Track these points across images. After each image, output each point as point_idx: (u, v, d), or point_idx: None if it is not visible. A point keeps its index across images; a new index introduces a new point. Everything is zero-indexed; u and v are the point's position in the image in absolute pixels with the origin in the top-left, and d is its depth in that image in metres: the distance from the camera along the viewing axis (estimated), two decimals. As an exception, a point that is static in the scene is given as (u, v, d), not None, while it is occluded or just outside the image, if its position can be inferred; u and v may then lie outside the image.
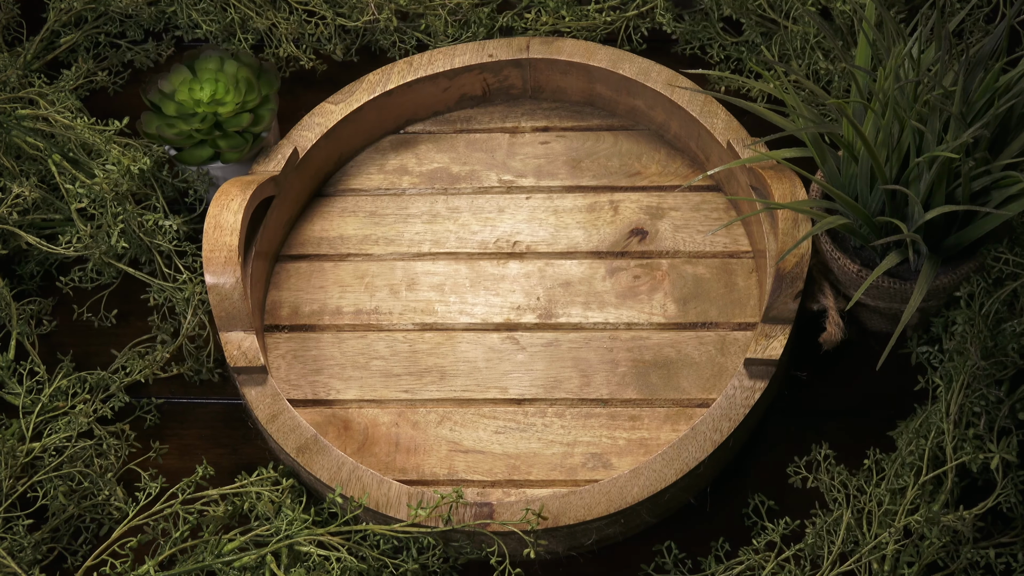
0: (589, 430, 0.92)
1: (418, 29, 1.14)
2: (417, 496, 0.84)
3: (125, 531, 0.86)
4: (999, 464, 0.80)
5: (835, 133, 0.83)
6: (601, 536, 0.86)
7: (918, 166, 0.80)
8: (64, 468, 0.89)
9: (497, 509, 0.83)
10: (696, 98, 1.01)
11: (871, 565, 0.81)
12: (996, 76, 0.81)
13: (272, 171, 0.99)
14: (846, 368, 0.94)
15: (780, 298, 0.89)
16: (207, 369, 0.98)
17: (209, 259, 0.90)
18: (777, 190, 0.91)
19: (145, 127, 1.00)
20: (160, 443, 0.95)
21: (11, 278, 1.02)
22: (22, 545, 0.87)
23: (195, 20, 1.13)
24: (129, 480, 0.93)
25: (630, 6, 1.12)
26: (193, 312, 0.96)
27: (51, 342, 1.01)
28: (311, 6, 1.13)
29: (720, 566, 0.85)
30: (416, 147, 1.08)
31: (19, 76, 1.09)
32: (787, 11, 1.06)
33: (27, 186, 0.98)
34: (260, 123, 1.00)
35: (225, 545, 0.83)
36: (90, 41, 1.17)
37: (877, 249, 0.87)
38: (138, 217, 0.97)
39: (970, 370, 0.81)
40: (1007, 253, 0.84)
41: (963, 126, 0.77)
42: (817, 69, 1.03)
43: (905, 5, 1.03)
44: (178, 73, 1.02)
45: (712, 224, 1.01)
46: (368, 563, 0.83)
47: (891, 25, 0.83)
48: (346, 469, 0.86)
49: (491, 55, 1.05)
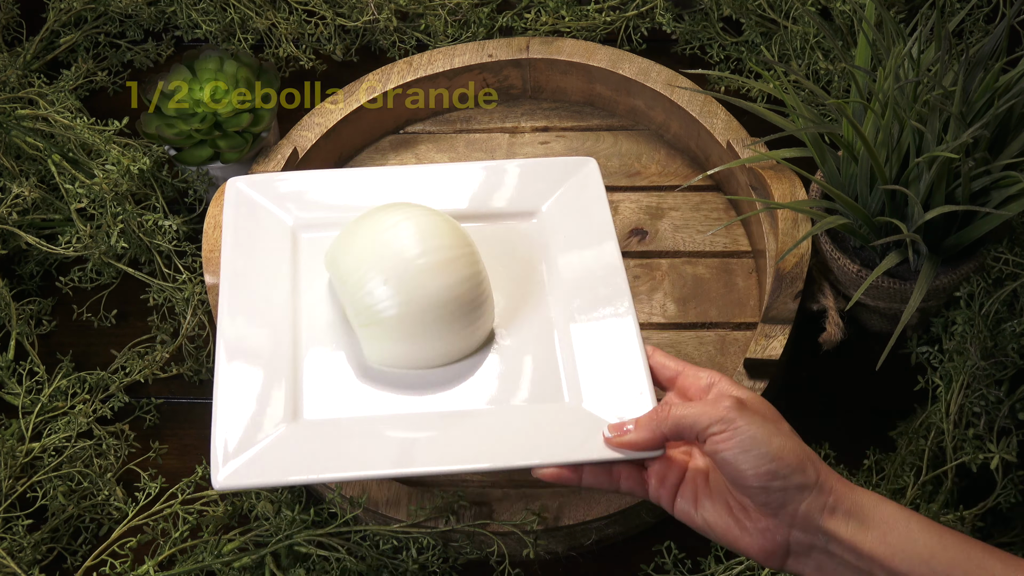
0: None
1: (418, 29, 1.14)
2: (417, 496, 0.84)
3: (125, 531, 0.86)
4: (999, 464, 0.80)
5: (835, 133, 0.83)
6: (601, 536, 0.86)
7: (918, 166, 0.80)
8: (64, 468, 0.89)
9: (497, 509, 0.83)
10: (696, 98, 1.01)
11: (871, 565, 0.81)
12: (996, 76, 0.81)
13: (272, 171, 0.99)
14: (846, 368, 0.94)
15: (780, 298, 0.89)
16: (207, 369, 0.98)
17: (209, 259, 0.90)
18: (777, 190, 0.91)
19: (145, 127, 1.00)
20: (160, 443, 0.95)
21: (11, 278, 1.02)
22: (22, 545, 0.87)
23: (195, 20, 1.13)
24: (129, 480, 0.93)
25: (630, 6, 1.12)
26: (193, 312, 0.96)
27: (51, 342, 1.01)
28: (311, 6, 1.13)
29: (720, 566, 0.85)
30: (416, 147, 1.08)
31: (19, 76, 1.09)
32: (787, 11, 1.06)
33: (27, 186, 0.98)
34: (260, 123, 1.00)
35: (225, 545, 0.83)
36: (90, 41, 1.17)
37: (877, 249, 0.87)
38: (138, 217, 0.97)
39: (970, 370, 0.81)
40: (1007, 253, 0.84)
41: (963, 126, 0.77)
42: (817, 69, 1.03)
43: (905, 5, 1.03)
44: (178, 73, 1.02)
45: (712, 224, 1.01)
46: (368, 563, 0.83)
47: (891, 25, 0.83)
48: (346, 469, 0.86)
49: (491, 55, 1.05)
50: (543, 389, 0.78)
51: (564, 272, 0.83)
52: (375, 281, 0.75)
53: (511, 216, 0.87)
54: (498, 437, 0.74)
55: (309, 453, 0.73)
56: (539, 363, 0.80)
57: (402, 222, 0.76)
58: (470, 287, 0.77)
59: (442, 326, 0.76)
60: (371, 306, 0.75)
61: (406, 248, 0.75)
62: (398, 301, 0.75)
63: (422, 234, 0.76)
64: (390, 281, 0.75)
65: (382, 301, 0.75)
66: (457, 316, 0.76)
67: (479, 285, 0.77)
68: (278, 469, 0.72)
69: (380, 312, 0.75)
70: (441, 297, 0.75)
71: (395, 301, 0.75)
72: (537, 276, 0.84)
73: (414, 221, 0.77)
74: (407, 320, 0.75)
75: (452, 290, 0.76)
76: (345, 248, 0.78)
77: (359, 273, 0.76)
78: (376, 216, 0.78)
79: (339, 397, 0.77)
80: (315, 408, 0.76)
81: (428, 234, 0.76)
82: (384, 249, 0.76)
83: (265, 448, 0.73)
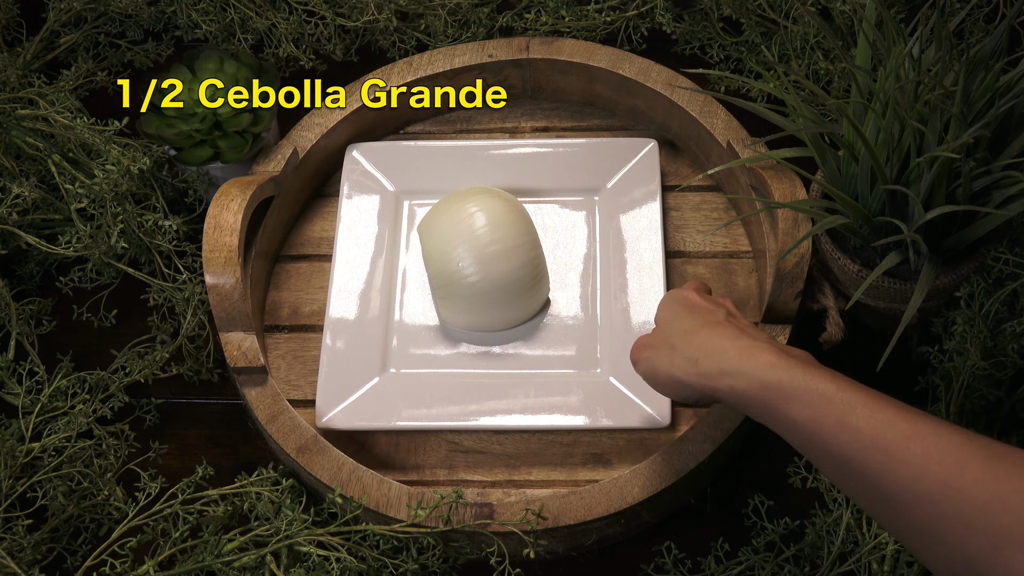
0: (589, 430, 0.92)
1: (418, 29, 1.14)
2: (417, 496, 0.84)
3: (125, 531, 0.86)
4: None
5: (835, 133, 0.83)
6: (601, 536, 0.86)
7: (918, 166, 0.80)
8: (64, 468, 0.89)
9: (497, 509, 0.83)
10: (696, 98, 1.01)
11: (871, 565, 0.81)
12: (996, 76, 0.81)
13: (272, 171, 0.99)
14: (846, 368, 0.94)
15: (780, 298, 0.89)
16: (207, 369, 0.98)
17: (209, 259, 0.90)
18: (777, 190, 0.91)
19: (145, 127, 1.00)
20: (160, 443, 0.95)
21: (11, 278, 1.02)
22: (22, 545, 0.87)
23: (195, 20, 1.13)
24: (129, 480, 0.93)
25: (630, 6, 1.12)
26: (193, 312, 0.96)
27: (51, 342, 1.01)
28: (311, 6, 1.13)
29: (720, 566, 0.85)
30: (416, 147, 1.08)
31: (19, 76, 1.09)
32: (787, 11, 1.06)
33: (27, 186, 0.98)
34: (260, 123, 1.00)
35: (225, 545, 0.83)
36: (90, 41, 1.17)
37: (877, 249, 0.87)
38: (138, 217, 0.97)
39: (970, 370, 0.81)
40: (1007, 253, 0.84)
41: (963, 126, 0.77)
42: (817, 69, 1.03)
43: (905, 5, 1.03)
44: (178, 73, 1.02)
45: (712, 224, 1.01)
46: (368, 563, 0.83)
47: (891, 25, 0.83)
48: (346, 469, 0.86)
49: (491, 55, 1.05)
50: (583, 355, 0.94)
51: (614, 246, 0.98)
52: (460, 261, 0.91)
53: (578, 191, 1.02)
54: (539, 399, 0.91)
55: (393, 403, 0.92)
56: (582, 330, 0.95)
57: (476, 213, 0.92)
58: (529, 270, 0.92)
59: (506, 299, 0.92)
60: (456, 277, 0.91)
61: (480, 237, 0.91)
62: (474, 280, 0.91)
63: (492, 224, 0.92)
64: (467, 262, 0.91)
65: (466, 278, 0.91)
66: (518, 292, 0.92)
67: (537, 268, 0.93)
68: (369, 416, 0.91)
69: (463, 286, 0.91)
70: (507, 278, 0.91)
71: (473, 280, 0.91)
72: (592, 249, 0.99)
73: (486, 211, 0.92)
74: (480, 294, 0.92)
75: (515, 273, 0.92)
76: (433, 227, 0.93)
77: (444, 252, 0.92)
78: (457, 202, 0.94)
79: (421, 354, 0.95)
80: (401, 364, 0.95)
81: (497, 223, 0.92)
82: (462, 236, 0.91)
83: (359, 398, 0.92)
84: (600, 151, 1.02)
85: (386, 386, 0.93)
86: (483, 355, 0.95)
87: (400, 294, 0.98)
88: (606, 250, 0.98)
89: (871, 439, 0.61)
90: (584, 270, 0.98)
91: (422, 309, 0.97)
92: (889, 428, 0.61)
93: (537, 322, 0.95)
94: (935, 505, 0.58)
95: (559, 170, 1.02)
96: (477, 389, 0.92)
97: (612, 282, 0.96)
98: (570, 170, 1.02)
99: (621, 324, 0.94)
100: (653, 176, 1.00)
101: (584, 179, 1.02)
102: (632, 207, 0.99)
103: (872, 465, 0.61)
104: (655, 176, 1.00)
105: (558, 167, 1.02)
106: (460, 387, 0.93)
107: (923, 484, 0.59)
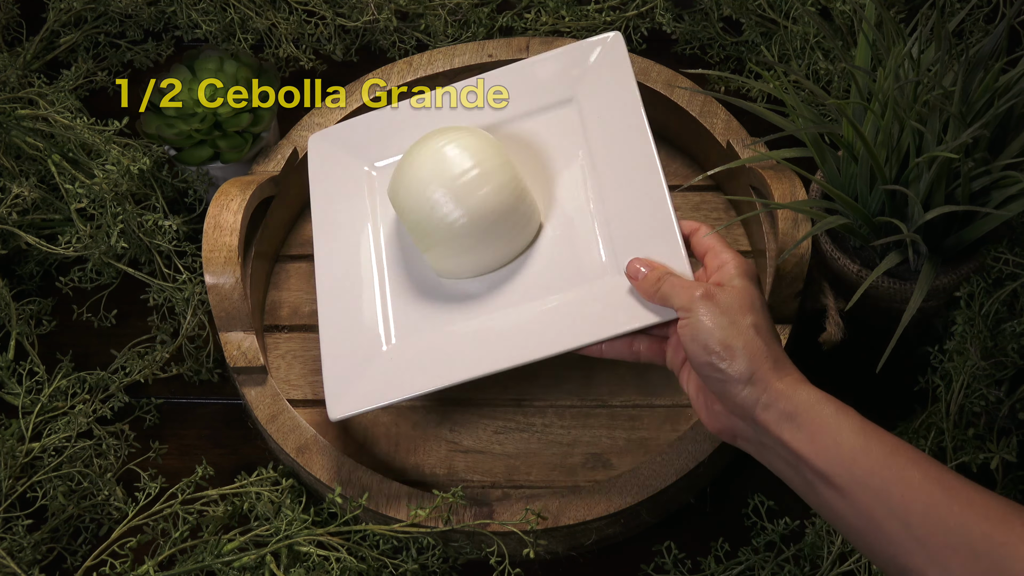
0: (589, 430, 0.92)
1: (418, 29, 1.14)
2: (417, 496, 0.84)
3: (125, 531, 0.86)
4: (999, 464, 0.80)
5: (835, 133, 0.83)
6: (601, 536, 0.86)
7: (918, 166, 0.80)
8: (64, 468, 0.89)
9: (497, 509, 0.83)
10: (696, 98, 1.01)
11: (871, 565, 0.81)
12: (996, 76, 0.81)
13: (272, 171, 0.99)
14: (846, 368, 0.94)
15: (780, 298, 0.89)
16: (207, 369, 0.98)
17: (209, 259, 0.90)
18: (777, 190, 0.91)
19: (145, 127, 1.00)
20: (160, 443, 0.95)
21: (11, 278, 1.02)
22: (22, 545, 0.87)
23: (195, 20, 1.13)
24: (129, 480, 0.93)
25: (630, 6, 1.12)
26: (193, 312, 0.96)
27: (51, 342, 1.01)
28: (311, 6, 1.13)
29: (720, 566, 0.85)
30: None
31: (19, 76, 1.09)
32: (787, 11, 1.06)
33: (27, 186, 0.98)
34: (260, 123, 1.00)
35: (225, 545, 0.83)
36: (90, 41, 1.17)
37: (877, 249, 0.87)
38: (138, 217, 0.97)
39: (970, 370, 0.81)
40: (1007, 253, 0.84)
41: (963, 126, 0.77)
42: (817, 69, 1.03)
43: (905, 5, 1.03)
44: (178, 73, 1.02)
45: (712, 224, 1.01)
46: (368, 563, 0.83)
47: (891, 25, 0.83)
48: (346, 469, 0.86)
49: (491, 55, 1.05)
50: (589, 270, 0.85)
51: (600, 154, 0.89)
52: (436, 203, 0.84)
53: (549, 108, 0.93)
54: (547, 327, 0.82)
55: (407, 372, 0.84)
56: (581, 247, 0.86)
57: (439, 150, 0.85)
58: (509, 192, 0.84)
59: (496, 231, 0.85)
60: (437, 223, 0.84)
61: (449, 171, 0.84)
62: (456, 217, 0.84)
63: (458, 156, 0.84)
64: (443, 202, 0.83)
65: (446, 217, 0.84)
66: (506, 220, 0.85)
67: (517, 189, 0.85)
68: (382, 391, 0.83)
69: (447, 228, 0.84)
70: (489, 207, 0.84)
71: (455, 218, 0.84)
72: (576, 163, 0.90)
73: (449, 146, 0.85)
74: (466, 232, 0.84)
75: (495, 197, 0.84)
76: (400, 183, 0.86)
77: (418, 200, 0.84)
78: (417, 151, 0.86)
79: (422, 318, 0.87)
80: (404, 332, 0.87)
81: (463, 154, 0.84)
82: (431, 178, 0.84)
83: (369, 376, 0.85)
84: (562, 60, 0.93)
85: (394, 359, 0.85)
86: (490, 298, 0.86)
87: (387, 265, 0.90)
88: (591, 156, 0.89)
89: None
90: (573, 182, 0.89)
91: (414, 272, 0.89)
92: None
93: (536, 248, 0.87)
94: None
95: (524, 91, 0.94)
96: (495, 334, 0.84)
97: (605, 182, 0.87)
98: (535, 88, 0.93)
99: (624, 219, 0.85)
100: (623, 66, 0.89)
101: (552, 93, 0.93)
102: (610, 105, 0.90)
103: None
104: (625, 66, 0.89)
105: (522, 89, 0.93)
106: (474, 337, 0.84)
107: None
